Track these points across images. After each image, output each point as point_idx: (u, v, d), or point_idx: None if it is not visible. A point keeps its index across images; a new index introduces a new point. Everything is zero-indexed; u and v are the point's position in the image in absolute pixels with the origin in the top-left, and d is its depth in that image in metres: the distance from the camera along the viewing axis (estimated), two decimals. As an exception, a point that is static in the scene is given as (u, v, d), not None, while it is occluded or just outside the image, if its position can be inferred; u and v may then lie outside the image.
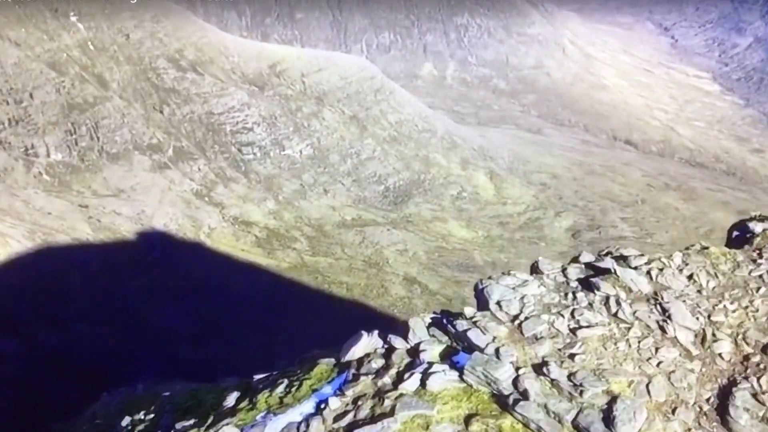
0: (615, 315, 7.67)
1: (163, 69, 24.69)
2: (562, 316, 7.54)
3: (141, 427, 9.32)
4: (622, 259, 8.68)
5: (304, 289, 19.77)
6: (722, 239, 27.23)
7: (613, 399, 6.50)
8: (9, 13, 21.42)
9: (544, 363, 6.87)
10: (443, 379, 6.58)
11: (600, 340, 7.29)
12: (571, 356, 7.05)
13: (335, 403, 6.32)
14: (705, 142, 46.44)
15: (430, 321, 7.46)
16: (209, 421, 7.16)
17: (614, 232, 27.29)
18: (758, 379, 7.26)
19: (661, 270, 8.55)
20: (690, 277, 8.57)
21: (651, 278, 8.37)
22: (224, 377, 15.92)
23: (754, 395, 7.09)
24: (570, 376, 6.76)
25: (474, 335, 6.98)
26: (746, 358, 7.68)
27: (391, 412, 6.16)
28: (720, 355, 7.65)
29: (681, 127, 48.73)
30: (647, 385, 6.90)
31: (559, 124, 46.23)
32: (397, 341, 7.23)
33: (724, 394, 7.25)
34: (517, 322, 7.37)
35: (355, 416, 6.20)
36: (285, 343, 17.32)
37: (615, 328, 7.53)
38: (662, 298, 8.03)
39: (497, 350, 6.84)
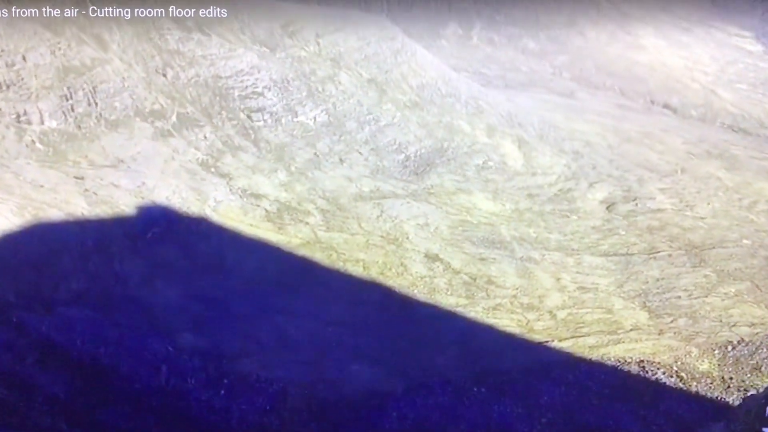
0: None
1: (166, 29, 23.82)
2: None
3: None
4: None
5: (317, 267, 19.06)
6: (767, 212, 26.34)
7: None
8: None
9: None
10: None
11: None
12: None
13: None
14: (748, 107, 45.07)
15: None
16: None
17: (652, 205, 26.35)
18: None
19: None
20: None
21: None
22: (233, 364, 15.32)
23: None
24: None
25: None
26: None
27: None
28: None
29: (722, 90, 47.35)
30: None
31: (592, 87, 45.06)
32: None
33: None
34: None
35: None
36: (297, 326, 16.70)
37: None
38: None
39: None
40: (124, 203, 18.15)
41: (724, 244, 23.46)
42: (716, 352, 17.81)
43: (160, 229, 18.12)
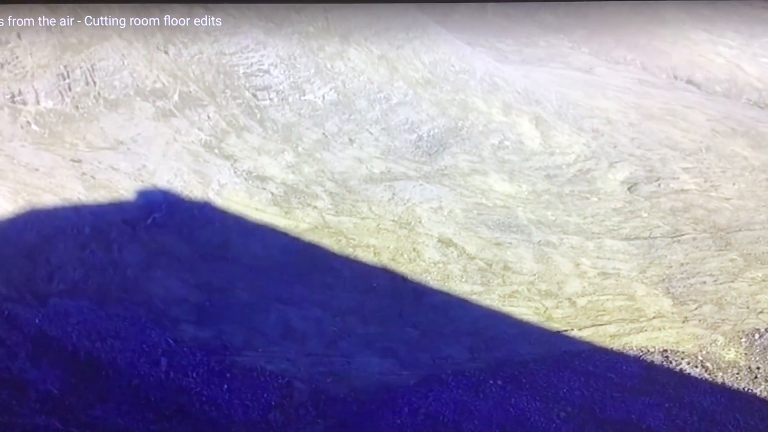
0: None
1: (167, 3, 23.35)
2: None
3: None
4: None
5: (325, 253, 18.67)
6: (794, 194, 25.38)
7: None
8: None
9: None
10: None
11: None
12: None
13: None
14: (774, 82, 44.17)
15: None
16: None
17: (675, 185, 25.77)
18: None
19: None
20: None
21: None
22: (236, 357, 15.07)
23: None
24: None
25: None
26: None
27: None
28: None
29: (747, 64, 46.38)
30: None
31: (613, 62, 44.31)
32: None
33: None
34: None
35: None
36: (304, 316, 16.36)
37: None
38: None
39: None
40: (123, 187, 17.79)
41: (750, 227, 22.90)
42: (743, 340, 17.38)
43: (161, 215, 17.76)
